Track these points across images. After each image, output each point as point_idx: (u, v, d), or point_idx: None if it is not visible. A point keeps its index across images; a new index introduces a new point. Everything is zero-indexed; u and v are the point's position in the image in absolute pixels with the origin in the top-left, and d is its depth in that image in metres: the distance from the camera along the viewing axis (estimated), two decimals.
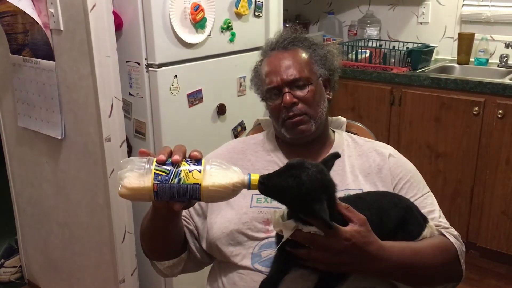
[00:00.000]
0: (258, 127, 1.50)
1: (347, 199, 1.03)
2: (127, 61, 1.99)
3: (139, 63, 1.96)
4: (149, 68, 1.95)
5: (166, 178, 0.90)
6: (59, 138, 2.05)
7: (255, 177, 0.93)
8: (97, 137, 1.92)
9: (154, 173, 0.90)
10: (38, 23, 1.90)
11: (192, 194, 0.91)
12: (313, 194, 0.88)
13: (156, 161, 0.92)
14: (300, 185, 0.88)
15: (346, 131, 1.42)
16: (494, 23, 2.96)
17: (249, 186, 0.93)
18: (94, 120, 1.90)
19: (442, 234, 1.13)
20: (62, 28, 1.88)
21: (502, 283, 2.58)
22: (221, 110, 2.20)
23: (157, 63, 1.94)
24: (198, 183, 0.90)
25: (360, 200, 1.05)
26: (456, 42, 3.02)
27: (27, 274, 2.65)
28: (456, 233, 1.15)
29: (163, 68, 1.96)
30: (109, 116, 1.89)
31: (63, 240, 2.30)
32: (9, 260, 2.67)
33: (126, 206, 2.02)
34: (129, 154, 2.07)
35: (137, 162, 0.92)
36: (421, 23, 3.22)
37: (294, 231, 0.93)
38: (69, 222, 2.23)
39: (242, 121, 2.32)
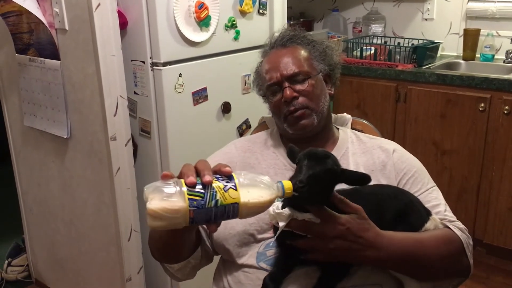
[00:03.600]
0: (263, 125, 1.50)
1: (344, 191, 1.03)
2: (132, 60, 2.00)
3: (144, 62, 1.96)
4: (154, 67, 1.96)
5: (202, 202, 0.83)
6: (65, 137, 2.06)
7: (287, 185, 0.88)
8: (102, 136, 1.93)
9: (188, 198, 0.82)
10: (43, 23, 1.91)
11: (230, 214, 0.85)
12: (339, 164, 0.96)
13: (186, 185, 0.84)
14: (333, 159, 0.94)
15: (351, 128, 1.42)
16: (499, 18, 2.94)
17: (283, 193, 0.88)
18: (99, 119, 1.91)
19: (447, 227, 1.11)
20: (67, 28, 1.88)
21: (510, 280, 2.57)
22: (226, 108, 2.20)
23: (161, 61, 1.94)
24: (236, 202, 0.84)
25: (356, 192, 1.05)
26: (462, 38, 3.01)
27: (34, 272, 2.66)
28: (462, 226, 1.13)
29: (168, 66, 1.96)
30: (114, 115, 1.89)
31: (70, 238, 2.31)
32: (16, 259, 2.69)
33: (132, 204, 2.02)
34: (135, 152, 2.08)
35: (165, 189, 0.83)
36: (426, 19, 3.21)
37: (290, 221, 0.94)
38: (75, 221, 2.24)
39: (247, 119, 2.32)
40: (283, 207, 0.96)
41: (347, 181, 0.97)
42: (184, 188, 0.83)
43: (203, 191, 0.83)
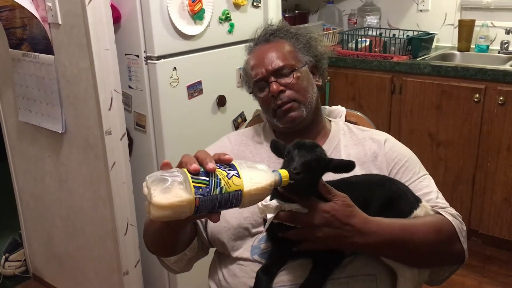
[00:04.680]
0: (257, 118, 1.50)
1: (329, 182, 1.03)
2: (126, 54, 1.99)
3: (138, 56, 1.96)
4: (148, 61, 1.95)
5: (208, 189, 0.81)
6: (60, 132, 2.06)
7: (284, 173, 0.89)
8: (97, 131, 1.93)
9: (194, 186, 0.80)
10: (36, 17, 1.90)
11: (233, 202, 0.84)
12: (326, 153, 1.00)
13: (190, 172, 0.82)
14: (321, 149, 0.97)
15: (345, 120, 1.42)
16: (494, 9, 2.94)
17: (280, 182, 0.89)
18: (94, 113, 1.91)
19: (438, 213, 1.11)
20: (60, 22, 1.87)
21: (505, 269, 2.59)
22: (221, 101, 2.20)
23: (156, 55, 1.93)
24: (240, 190, 0.84)
25: (342, 182, 1.06)
26: (457, 29, 3.01)
27: (31, 267, 2.67)
28: (454, 212, 1.13)
29: (162, 60, 1.96)
30: (109, 109, 1.89)
31: (67, 233, 2.32)
32: (13, 254, 2.69)
33: (128, 198, 2.02)
34: (130, 147, 2.08)
35: (169, 177, 0.81)
36: (421, 10, 3.21)
37: (278, 212, 0.95)
38: (72, 216, 2.25)
39: (242, 112, 2.32)
40: (270, 199, 0.97)
41: (335, 169, 0.99)
42: (189, 176, 0.81)
43: (207, 178, 0.82)
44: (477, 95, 2.52)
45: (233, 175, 0.84)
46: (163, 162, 0.87)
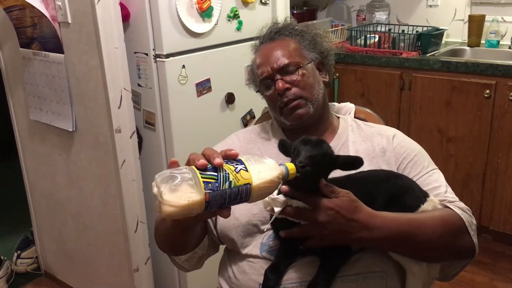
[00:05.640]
0: (266, 115, 1.50)
1: (335, 179, 1.03)
2: (135, 52, 2.00)
3: (147, 54, 1.97)
4: (157, 59, 1.96)
5: (217, 184, 0.82)
6: (70, 130, 2.07)
7: (291, 166, 0.90)
8: (107, 129, 1.94)
9: (203, 182, 0.81)
10: (46, 16, 1.92)
11: (243, 196, 0.85)
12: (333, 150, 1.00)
13: (198, 169, 0.83)
14: (328, 145, 0.98)
15: (355, 117, 1.42)
16: (505, 4, 2.91)
17: (287, 175, 0.90)
18: (104, 111, 1.92)
19: (447, 207, 1.10)
20: (69, 21, 1.89)
21: None
22: (229, 99, 2.21)
23: (164, 53, 1.94)
24: (248, 183, 0.85)
25: (347, 179, 1.06)
26: (467, 25, 2.98)
27: (43, 264, 2.69)
28: (463, 205, 1.12)
29: (171, 58, 1.96)
30: (119, 108, 1.90)
31: (77, 230, 2.33)
32: (25, 251, 2.72)
33: (138, 196, 2.04)
34: (140, 144, 2.09)
35: (178, 174, 0.82)
36: (430, 6, 3.18)
37: (284, 207, 0.96)
38: (82, 213, 2.26)
39: (251, 109, 2.32)
40: (277, 194, 0.97)
41: (342, 166, 0.99)
42: (197, 172, 0.82)
43: (215, 173, 0.83)
44: (488, 91, 2.50)
45: (241, 169, 0.85)
46: (170, 160, 0.88)
